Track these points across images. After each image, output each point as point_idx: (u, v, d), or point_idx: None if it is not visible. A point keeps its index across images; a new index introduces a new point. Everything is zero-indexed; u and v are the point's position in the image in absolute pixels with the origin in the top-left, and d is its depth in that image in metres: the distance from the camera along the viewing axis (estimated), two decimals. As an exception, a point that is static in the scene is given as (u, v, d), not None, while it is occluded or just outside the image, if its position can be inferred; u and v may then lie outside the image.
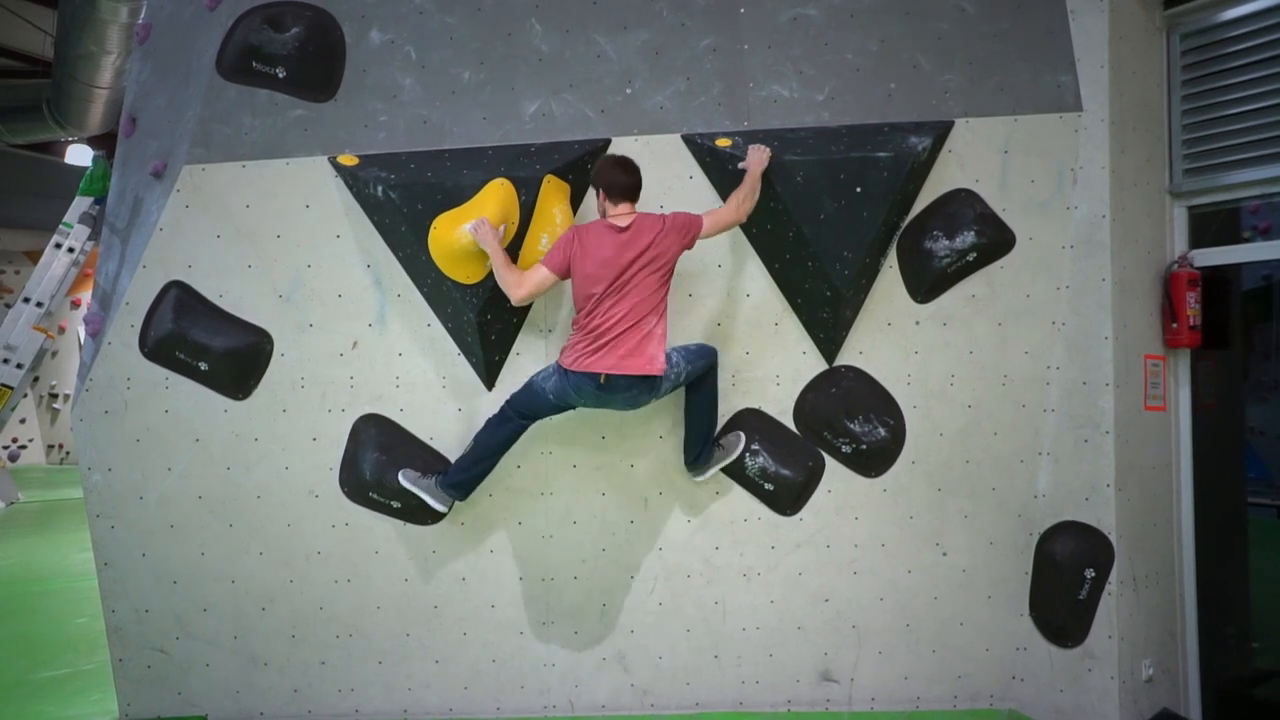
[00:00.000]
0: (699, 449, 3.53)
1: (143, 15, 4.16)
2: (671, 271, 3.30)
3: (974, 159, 3.61)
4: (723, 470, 3.63)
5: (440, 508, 3.53)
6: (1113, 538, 3.53)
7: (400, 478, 3.51)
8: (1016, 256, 3.64)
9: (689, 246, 3.31)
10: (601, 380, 3.20)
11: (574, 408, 3.39)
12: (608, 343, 3.19)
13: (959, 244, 3.58)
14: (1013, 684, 3.74)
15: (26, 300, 3.84)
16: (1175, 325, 3.72)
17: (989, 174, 3.62)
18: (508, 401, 3.44)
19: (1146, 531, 3.69)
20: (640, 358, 3.20)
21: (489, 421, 3.46)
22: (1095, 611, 3.55)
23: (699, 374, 3.45)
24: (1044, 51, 3.63)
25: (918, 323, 3.67)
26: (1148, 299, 3.74)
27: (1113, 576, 3.53)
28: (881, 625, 3.75)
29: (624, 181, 3.31)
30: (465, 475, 3.49)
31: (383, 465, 3.60)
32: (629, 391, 3.24)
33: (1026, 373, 3.68)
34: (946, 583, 3.75)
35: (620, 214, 3.30)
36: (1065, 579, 3.58)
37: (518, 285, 3.26)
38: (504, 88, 3.63)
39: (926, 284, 3.63)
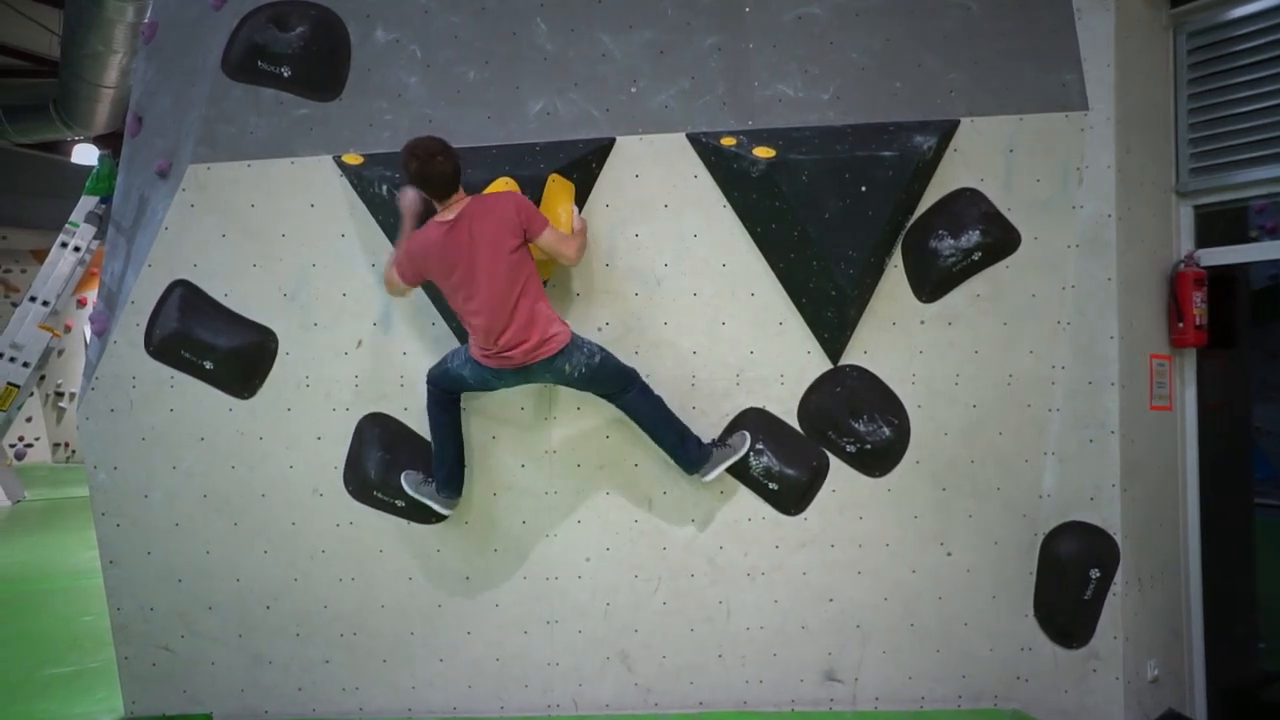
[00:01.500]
0: (680, 454, 3.50)
1: (149, 14, 4.17)
2: (527, 250, 3.20)
3: (979, 158, 3.60)
4: (727, 470, 3.62)
5: (444, 510, 3.54)
6: (1118, 538, 3.52)
7: (403, 481, 3.52)
8: (1022, 256, 3.63)
9: (532, 238, 3.20)
10: (508, 372, 3.25)
11: (501, 387, 3.40)
12: (503, 340, 3.20)
13: (964, 243, 3.57)
14: (1017, 684, 3.74)
15: (33, 299, 3.86)
16: (1181, 325, 3.71)
17: (994, 173, 3.61)
18: (429, 380, 3.44)
19: (1152, 531, 3.68)
20: (542, 343, 3.20)
21: (427, 409, 3.47)
22: (1100, 612, 3.54)
23: (613, 375, 3.36)
24: (1049, 51, 3.62)
25: (923, 322, 3.66)
26: (1153, 298, 3.73)
27: (1118, 577, 3.52)
28: (886, 625, 3.75)
29: (440, 172, 3.12)
30: (442, 472, 3.50)
31: (386, 464, 3.61)
32: (544, 371, 3.27)
33: (1031, 372, 3.67)
34: (951, 583, 3.74)
35: (448, 206, 3.20)
36: (1070, 579, 3.58)
37: (388, 278, 3.30)
38: (509, 87, 3.64)
39: (931, 283, 3.62)
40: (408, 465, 3.58)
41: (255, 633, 3.74)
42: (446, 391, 3.42)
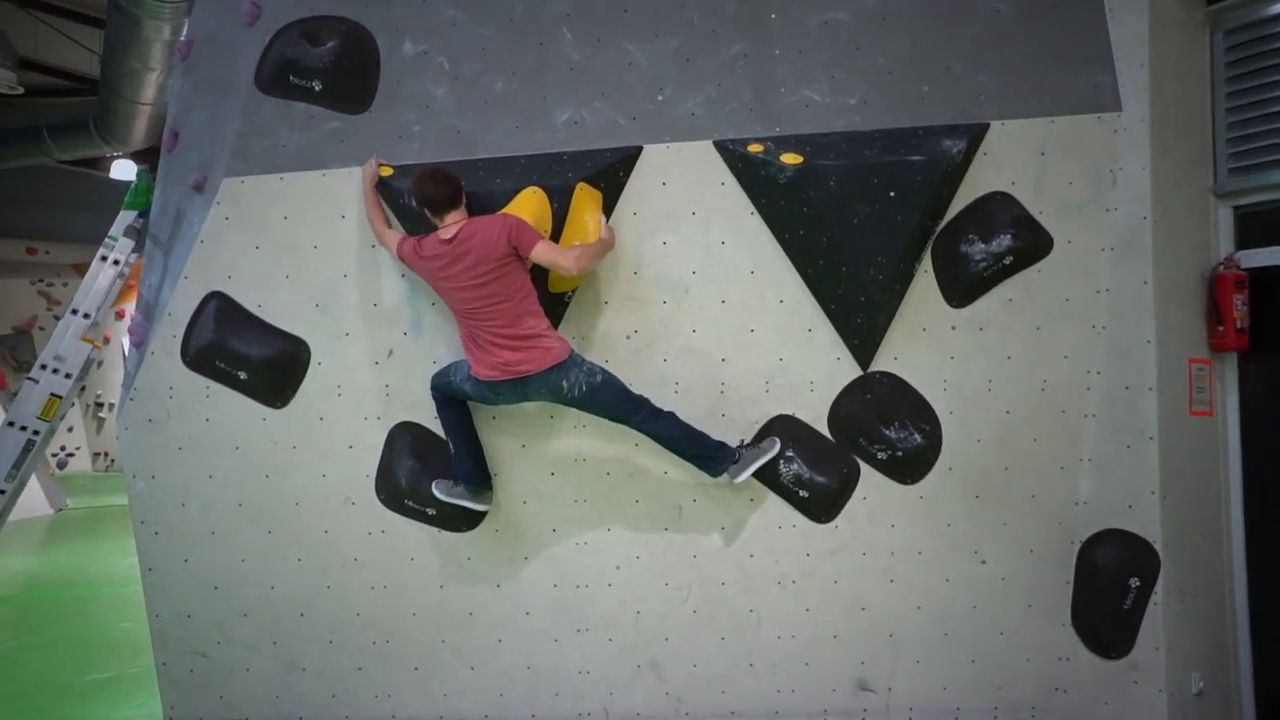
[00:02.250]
0: (706, 464, 3.50)
1: (185, 32, 4.26)
2: (520, 267, 3.28)
3: (1010, 161, 3.56)
4: (756, 477, 3.60)
5: (479, 506, 3.56)
6: (1158, 546, 3.45)
7: (435, 490, 3.55)
8: (1054, 260, 3.58)
9: (523, 252, 3.26)
10: (503, 384, 3.30)
11: (503, 404, 3.47)
12: (496, 346, 3.26)
13: (995, 248, 3.53)
14: (1055, 696, 3.67)
15: (74, 312, 3.93)
16: (1221, 328, 3.64)
17: (1025, 176, 3.56)
18: (433, 386, 3.51)
19: (1194, 540, 3.60)
20: (537, 355, 3.25)
21: (437, 412, 3.54)
22: (1141, 622, 3.47)
23: (616, 396, 3.38)
24: (1081, 52, 3.57)
25: (953, 328, 3.62)
26: (1191, 302, 3.66)
27: (1159, 586, 3.45)
28: (919, 634, 3.70)
29: (436, 193, 3.30)
30: (464, 469, 3.53)
31: (417, 473, 3.64)
32: (542, 384, 3.29)
33: (1066, 378, 3.61)
34: (985, 591, 3.68)
35: (448, 224, 3.32)
36: (1108, 588, 3.51)
37: (380, 237, 3.49)
38: (536, 97, 3.66)
39: (962, 289, 3.58)
40: (439, 474, 3.60)
41: (289, 640, 3.78)
42: (451, 399, 3.50)
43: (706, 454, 3.48)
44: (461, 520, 3.67)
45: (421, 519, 3.69)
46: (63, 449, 14.52)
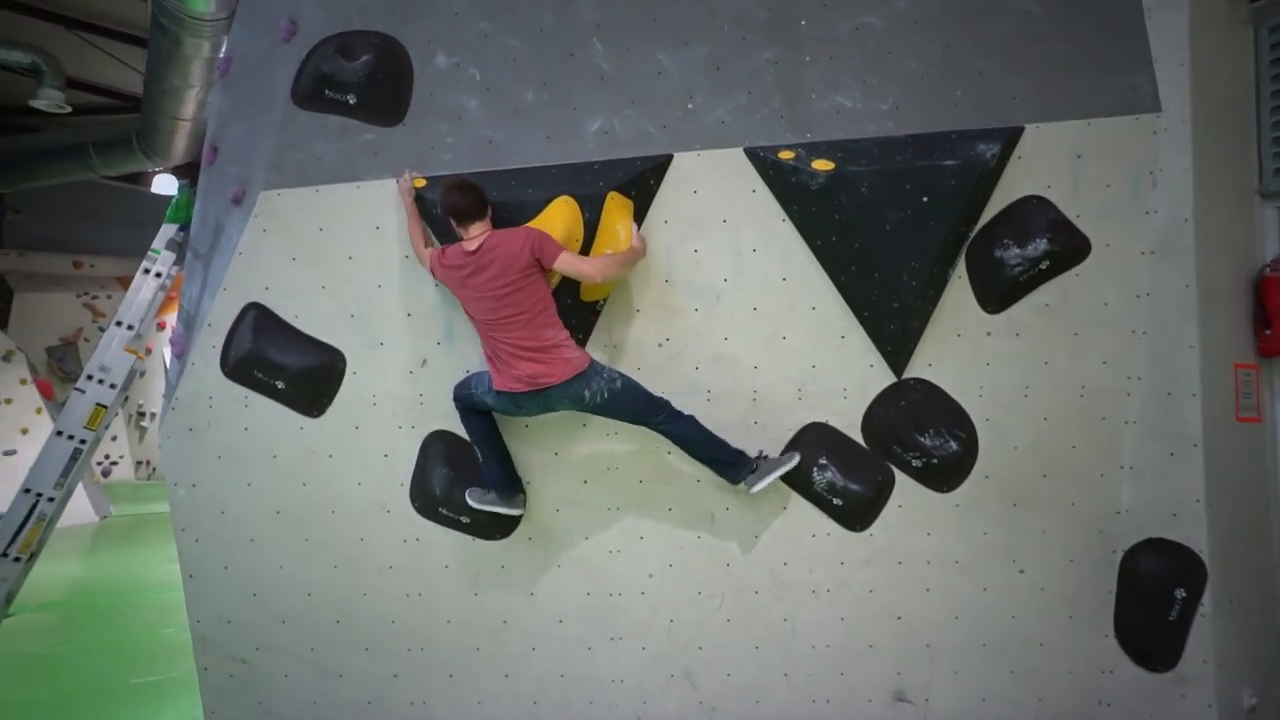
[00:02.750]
0: (725, 469, 3.50)
1: (223, 49, 4.35)
2: (541, 280, 3.33)
3: (1045, 165, 3.51)
4: (789, 485, 3.58)
5: (513, 511, 3.58)
6: (1204, 556, 3.37)
7: (468, 498, 3.58)
8: (1092, 264, 3.52)
9: (546, 265, 3.32)
10: (524, 396, 3.32)
11: (526, 415, 3.49)
12: (517, 358, 3.30)
13: (1030, 252, 3.48)
14: (1099, 709, 3.59)
15: (119, 324, 4.03)
16: (1269, 332, 3.55)
17: (1061, 179, 3.51)
18: (455, 398, 3.55)
19: (1242, 550, 3.51)
20: (558, 366, 3.28)
21: (462, 422, 3.58)
22: (1188, 635, 3.39)
23: (639, 402, 3.41)
24: (1117, 52, 3.51)
25: (989, 333, 3.57)
26: (1236, 305, 3.58)
27: (1206, 597, 3.36)
28: (956, 645, 3.64)
29: (461, 203, 3.35)
30: (494, 474, 3.55)
31: (451, 481, 3.66)
32: (564, 395, 3.32)
33: (1105, 384, 3.55)
34: (1024, 601, 3.62)
35: (472, 236, 3.38)
36: (1153, 599, 3.43)
37: (418, 255, 3.55)
38: (566, 107, 3.68)
39: (997, 294, 3.54)
40: (472, 482, 3.63)
41: (326, 646, 3.82)
42: (474, 409, 3.53)
43: (726, 459, 3.48)
44: (495, 528, 3.69)
45: (455, 527, 3.71)
46: (106, 457, 14.83)
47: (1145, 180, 3.48)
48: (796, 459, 3.51)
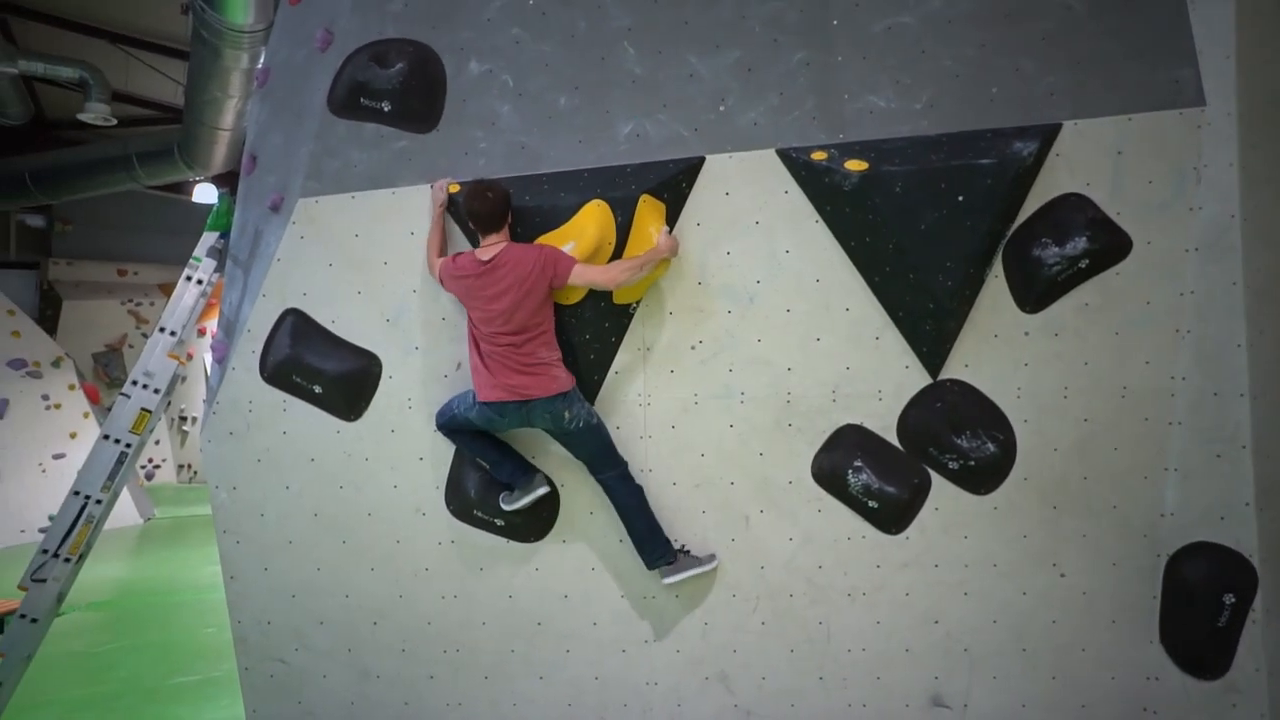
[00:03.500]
0: (647, 545, 3.56)
1: (262, 60, 4.43)
2: (548, 299, 3.38)
3: (1084, 162, 3.45)
4: (824, 487, 3.55)
5: (541, 491, 3.58)
6: (1255, 561, 3.29)
7: (501, 504, 3.62)
8: (1134, 262, 3.46)
9: (557, 286, 3.36)
10: (508, 405, 3.37)
11: (507, 429, 3.54)
12: (506, 369, 3.36)
13: (1069, 251, 3.42)
14: (1144, 716, 3.51)
15: (162, 330, 4.10)
16: (1318, 330, 3.45)
17: (1101, 177, 3.45)
18: (438, 427, 3.63)
19: (1291, 554, 3.41)
20: (544, 381, 3.35)
21: (455, 443, 3.65)
22: (1238, 641, 3.30)
23: (604, 447, 3.51)
24: (1159, 46, 3.45)
25: (1027, 333, 3.52)
26: (1285, 303, 3.48)
27: (1257, 603, 3.28)
28: (995, 649, 3.59)
29: (481, 210, 3.40)
30: (506, 471, 3.60)
31: (486, 484, 3.69)
32: (545, 411, 3.39)
33: (1148, 384, 3.47)
34: (1065, 606, 3.56)
35: (487, 245, 3.43)
36: (1200, 605, 3.35)
37: (429, 263, 3.60)
38: (598, 111, 3.70)
39: (1035, 293, 3.48)
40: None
41: (363, 648, 3.86)
42: (457, 429, 3.59)
43: (652, 542, 3.55)
44: (529, 530, 3.71)
45: (490, 529, 3.74)
46: (150, 461, 15.13)
47: (1190, 176, 3.41)
48: (715, 564, 3.60)
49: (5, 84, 10.02)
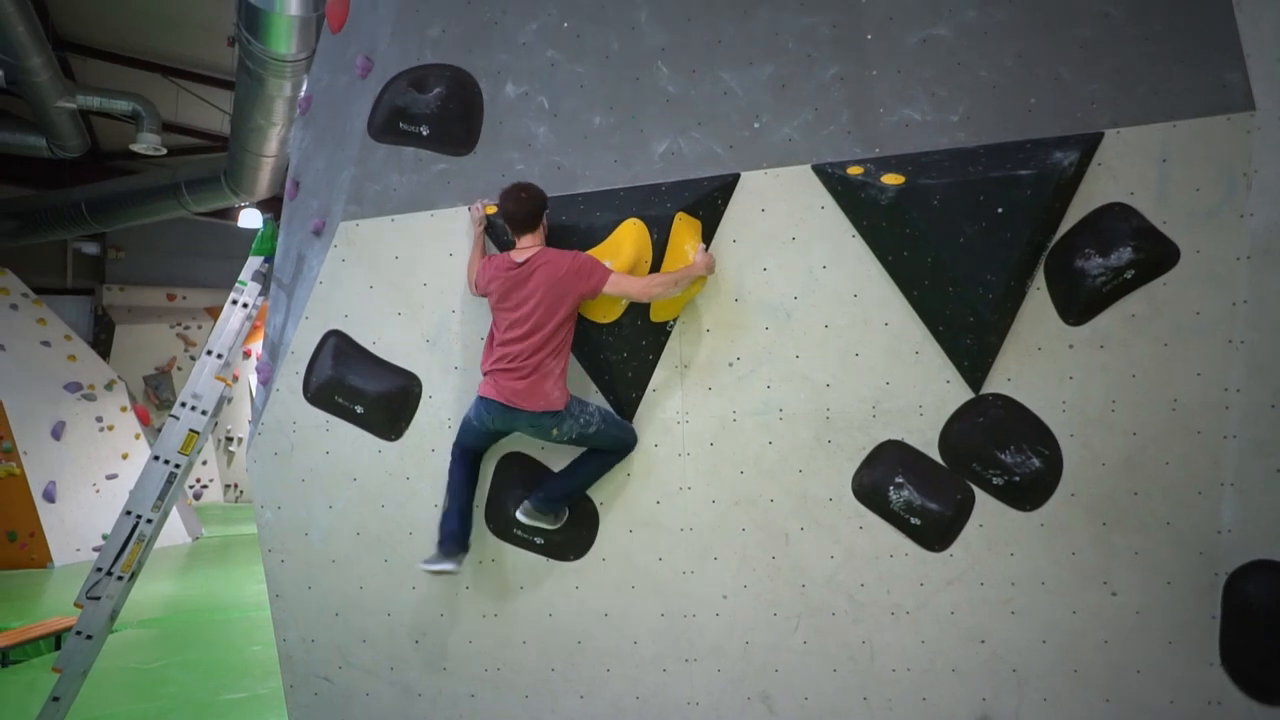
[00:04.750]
0: (554, 496, 3.54)
1: (304, 88, 4.53)
2: (573, 313, 3.40)
3: (1127, 170, 3.39)
4: (867, 505, 3.50)
5: (446, 568, 3.52)
6: (1317, 578, 3.17)
7: (423, 563, 3.60)
8: (1181, 271, 3.38)
9: (590, 296, 3.36)
10: (496, 406, 3.39)
11: (496, 430, 3.53)
12: (505, 371, 3.37)
13: (1114, 261, 3.35)
14: (1202, 740, 3.39)
15: (209, 353, 4.20)
16: (1378, 339, 3.33)
17: (1145, 185, 3.38)
18: (454, 445, 3.63)
19: (1356, 571, 3.29)
20: (534, 395, 3.36)
21: (450, 465, 3.64)
22: (1303, 663, 3.18)
23: (606, 444, 3.53)
24: (1205, 50, 3.38)
25: (1071, 346, 3.45)
26: (1343, 311, 3.37)
27: (1320, 622, 3.16)
28: (1045, 670, 3.50)
29: (516, 211, 3.43)
30: (446, 526, 3.58)
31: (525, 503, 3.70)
32: (529, 424, 3.42)
33: (1200, 396, 3.38)
34: (1117, 625, 3.46)
35: (522, 247, 3.46)
36: (1265, 625, 3.24)
37: (470, 283, 3.63)
38: (633, 130, 3.72)
39: (1079, 305, 3.42)
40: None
41: (406, 666, 3.89)
42: (462, 447, 3.60)
43: (562, 500, 3.57)
44: (568, 549, 3.71)
45: (530, 548, 3.75)
46: (198, 481, 15.45)
47: (1240, 182, 3.32)
48: (563, 521, 3.60)
49: (65, 119, 10.41)
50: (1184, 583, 3.42)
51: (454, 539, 3.58)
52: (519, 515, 3.58)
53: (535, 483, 3.70)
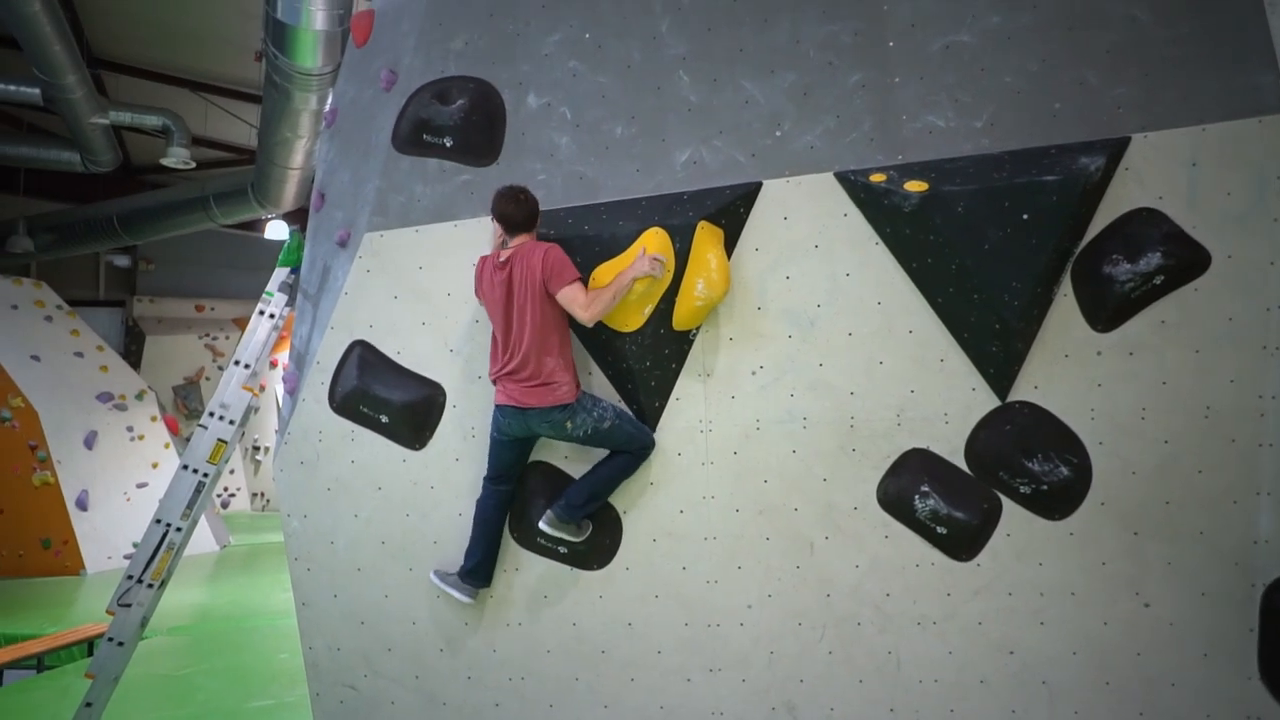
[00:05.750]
0: (575, 503, 3.54)
1: (329, 102, 4.59)
2: (553, 304, 3.41)
3: (1156, 175, 3.35)
4: (892, 514, 3.48)
5: (461, 597, 3.66)
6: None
7: (436, 577, 3.70)
8: (1213, 277, 3.32)
9: (551, 291, 3.38)
10: (510, 410, 3.44)
11: (516, 438, 3.56)
12: (510, 374, 3.43)
13: (1143, 267, 3.31)
14: (1239, 755, 3.32)
15: (236, 363, 4.25)
16: None
17: (1174, 190, 3.34)
18: (485, 480, 3.67)
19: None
20: (542, 392, 3.39)
21: (479, 504, 3.68)
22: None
23: (622, 442, 3.53)
24: (1235, 52, 3.33)
25: (1099, 353, 3.41)
26: (1380, 316, 3.30)
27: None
28: (1076, 682, 3.44)
29: (511, 213, 3.47)
30: (470, 560, 3.65)
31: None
32: (543, 420, 3.44)
33: (1234, 404, 3.32)
34: (1150, 637, 3.40)
35: (511, 246, 3.49)
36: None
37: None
38: (655, 139, 3.73)
39: (1107, 311, 3.37)
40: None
41: (431, 674, 3.90)
42: (492, 479, 3.63)
43: (584, 507, 3.56)
44: (592, 558, 3.71)
45: (554, 556, 3.75)
46: (225, 489, 15.61)
47: (1272, 185, 3.27)
48: (588, 533, 3.63)
49: (98, 134, 10.61)
50: (1219, 594, 3.36)
51: (475, 574, 3.66)
52: (542, 526, 3.59)
53: (558, 492, 3.71)
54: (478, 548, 3.65)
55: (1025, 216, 3.27)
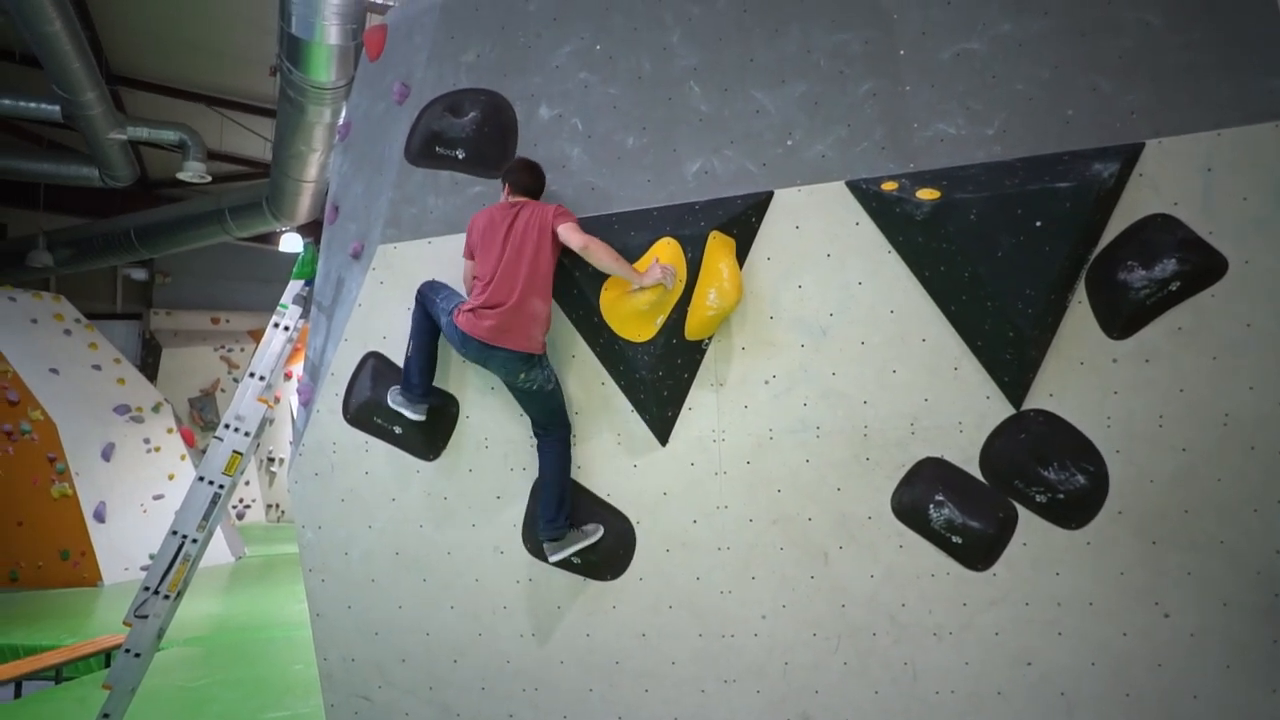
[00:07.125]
0: (550, 517, 3.57)
1: (343, 115, 4.63)
2: (552, 257, 3.51)
3: (1170, 181, 3.32)
4: (906, 524, 3.45)
5: (415, 417, 3.67)
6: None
7: (389, 399, 3.70)
8: (1230, 283, 3.30)
9: (552, 227, 3.49)
10: (472, 341, 3.44)
11: (466, 360, 3.62)
12: (492, 309, 3.43)
13: (1158, 273, 3.28)
14: (1263, 768, 3.27)
15: (252, 375, 4.28)
16: None
17: (1189, 195, 3.32)
18: (419, 293, 3.70)
19: None
20: (518, 335, 3.43)
21: (414, 316, 3.72)
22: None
23: (555, 411, 3.61)
24: (1250, 56, 3.31)
25: (1115, 360, 3.38)
26: (1401, 321, 3.26)
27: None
28: (1095, 694, 3.40)
29: (527, 182, 3.63)
30: (410, 374, 3.69)
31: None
32: (503, 364, 3.48)
33: (1253, 411, 3.29)
34: (1171, 648, 3.36)
35: (518, 201, 3.60)
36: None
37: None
38: (666, 150, 3.74)
39: (1122, 318, 3.35)
40: (583, 521, 3.66)
41: (444, 685, 3.90)
42: (424, 307, 3.69)
43: (559, 515, 3.58)
44: (606, 569, 3.71)
45: (567, 568, 3.74)
46: (241, 501, 15.68)
47: (1288, 191, 3.24)
48: (600, 532, 3.61)
49: (115, 149, 10.74)
50: (1241, 604, 3.31)
51: (415, 387, 3.68)
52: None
53: (572, 504, 3.71)
54: (415, 364, 3.68)
55: (1038, 223, 3.26)
